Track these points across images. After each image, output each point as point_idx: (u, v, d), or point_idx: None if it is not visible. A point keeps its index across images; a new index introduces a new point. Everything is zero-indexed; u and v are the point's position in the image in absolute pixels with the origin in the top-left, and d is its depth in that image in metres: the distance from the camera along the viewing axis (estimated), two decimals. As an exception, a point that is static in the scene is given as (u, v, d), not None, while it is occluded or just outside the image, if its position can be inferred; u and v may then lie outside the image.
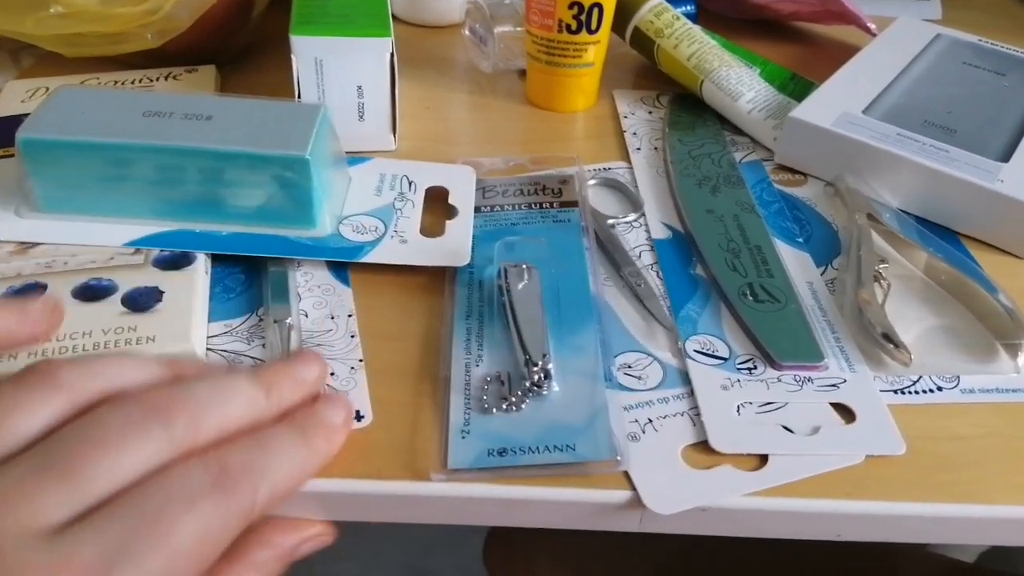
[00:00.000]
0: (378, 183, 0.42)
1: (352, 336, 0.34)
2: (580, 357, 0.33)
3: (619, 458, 0.29)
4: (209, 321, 0.35)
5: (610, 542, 0.57)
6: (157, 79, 0.49)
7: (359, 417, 0.31)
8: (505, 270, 0.36)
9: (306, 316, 0.35)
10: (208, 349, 0.33)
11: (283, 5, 0.61)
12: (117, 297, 0.33)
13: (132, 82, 0.48)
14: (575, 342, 0.34)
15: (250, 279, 0.37)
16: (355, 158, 0.43)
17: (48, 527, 0.21)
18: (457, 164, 0.44)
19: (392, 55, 0.42)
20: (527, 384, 0.31)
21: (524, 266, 0.36)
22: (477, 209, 0.41)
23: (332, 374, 0.33)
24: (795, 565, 0.54)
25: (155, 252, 0.36)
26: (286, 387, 0.28)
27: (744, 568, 0.55)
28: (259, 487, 0.25)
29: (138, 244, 0.36)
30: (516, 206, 0.41)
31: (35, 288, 0.34)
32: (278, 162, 0.36)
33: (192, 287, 0.34)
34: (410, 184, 0.42)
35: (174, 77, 0.49)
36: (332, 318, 0.35)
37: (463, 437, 0.30)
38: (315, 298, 0.36)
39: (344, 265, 0.38)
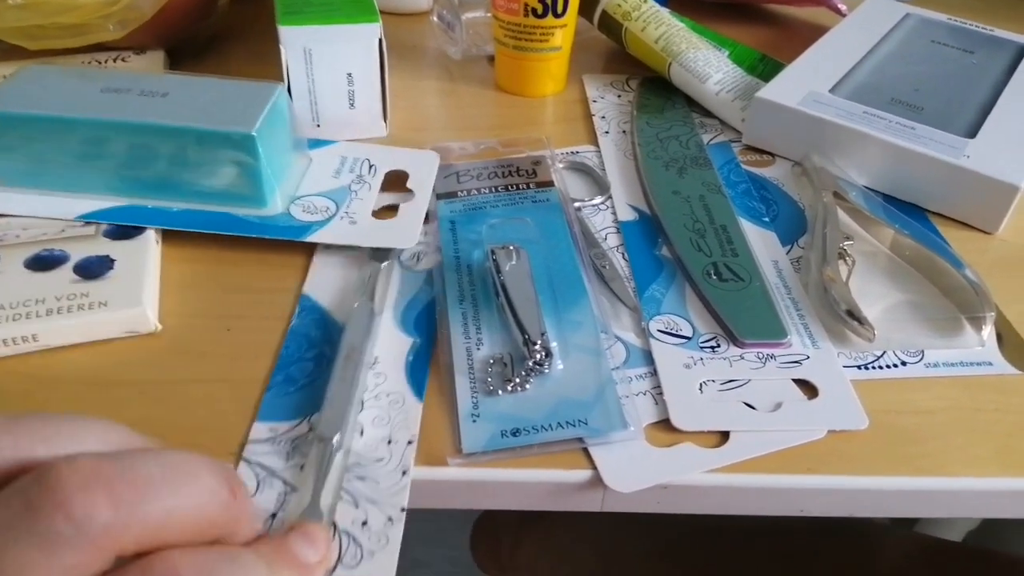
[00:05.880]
0: (338, 166, 0.42)
1: (403, 473, 0.28)
2: (579, 332, 0.33)
3: (632, 428, 0.29)
4: (257, 420, 0.30)
5: (597, 527, 0.57)
6: (106, 61, 0.49)
7: None
8: (493, 251, 0.36)
9: (360, 435, 0.30)
10: (243, 459, 0.29)
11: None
12: (69, 266, 0.34)
13: (83, 63, 0.48)
14: (572, 318, 0.34)
15: (319, 367, 0.32)
16: (319, 141, 0.43)
17: None
18: (424, 150, 0.43)
19: (381, 40, 0.42)
20: (529, 364, 0.31)
21: (511, 247, 0.36)
22: (453, 194, 0.41)
23: (364, 523, 0.27)
24: (777, 548, 0.54)
25: (105, 224, 0.37)
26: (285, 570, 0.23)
27: (731, 550, 0.55)
28: None
29: (90, 218, 0.37)
30: (492, 188, 0.41)
31: None
32: (225, 138, 0.36)
33: (144, 255, 0.35)
34: (370, 167, 0.42)
35: (123, 59, 0.49)
36: (388, 443, 0.29)
37: (474, 421, 0.30)
38: (378, 410, 0.31)
39: (423, 367, 0.32)
